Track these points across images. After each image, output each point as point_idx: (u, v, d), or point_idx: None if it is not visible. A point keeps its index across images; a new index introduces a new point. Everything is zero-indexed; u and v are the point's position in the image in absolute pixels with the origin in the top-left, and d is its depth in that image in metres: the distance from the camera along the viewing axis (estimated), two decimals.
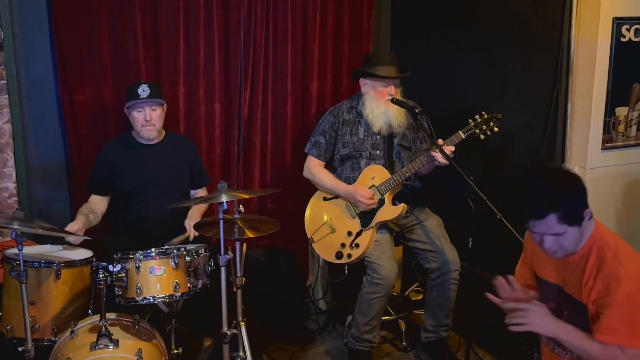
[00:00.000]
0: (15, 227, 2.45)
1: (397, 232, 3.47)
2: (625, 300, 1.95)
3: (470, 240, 2.93)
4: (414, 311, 3.98)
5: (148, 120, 3.26)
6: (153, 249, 2.80)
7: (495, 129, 3.20)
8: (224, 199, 2.70)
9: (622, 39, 3.05)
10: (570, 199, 1.99)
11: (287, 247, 4.09)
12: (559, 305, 2.20)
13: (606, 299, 1.99)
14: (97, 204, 3.32)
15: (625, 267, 1.98)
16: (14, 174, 3.48)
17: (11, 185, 3.49)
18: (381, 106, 3.35)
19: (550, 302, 2.21)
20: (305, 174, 3.55)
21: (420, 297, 4.05)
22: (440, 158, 3.13)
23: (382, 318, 3.43)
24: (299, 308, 4.02)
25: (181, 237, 3.14)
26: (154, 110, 3.27)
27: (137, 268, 2.73)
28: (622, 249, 2.04)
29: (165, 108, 3.38)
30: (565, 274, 2.16)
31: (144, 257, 2.75)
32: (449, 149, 3.17)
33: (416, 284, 4.19)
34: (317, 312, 4.08)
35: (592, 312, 2.05)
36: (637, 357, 1.97)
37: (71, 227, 3.04)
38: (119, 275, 2.71)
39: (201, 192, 3.56)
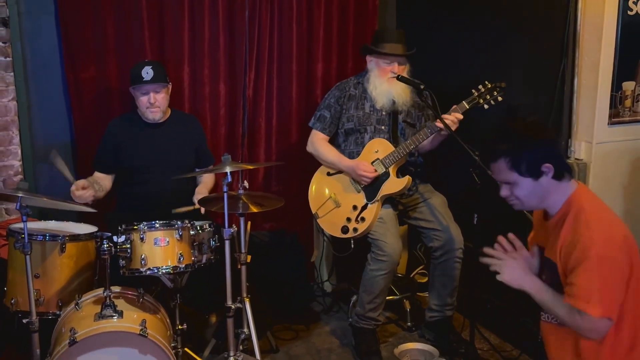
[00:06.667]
0: (20, 195, 2.44)
1: (401, 210, 3.46)
2: (588, 267, 1.92)
3: (476, 216, 2.91)
4: (418, 293, 3.97)
5: (152, 103, 3.26)
6: (157, 221, 2.79)
7: (499, 98, 3.18)
8: (227, 169, 2.70)
9: (629, 12, 3.02)
10: (523, 147, 2.02)
11: (292, 229, 4.07)
12: (541, 268, 2.21)
13: (572, 264, 1.98)
14: (102, 180, 3.32)
15: (593, 233, 1.94)
16: (19, 151, 3.49)
17: (17, 163, 3.49)
18: (384, 83, 3.34)
19: (537, 264, 2.24)
20: (309, 148, 3.55)
21: (425, 279, 4.04)
22: (442, 125, 3.11)
23: (387, 297, 3.41)
24: (304, 290, 4.01)
25: (188, 208, 3.14)
26: (157, 92, 3.26)
27: (142, 239, 2.73)
28: (596, 214, 2.00)
29: (170, 88, 3.38)
30: (545, 237, 2.17)
31: (148, 228, 2.75)
32: (458, 116, 3.16)
33: (421, 267, 4.18)
34: (322, 294, 4.08)
35: (562, 275, 2.05)
36: (594, 325, 1.95)
37: (77, 183, 3.04)
38: (124, 246, 2.71)
39: None
